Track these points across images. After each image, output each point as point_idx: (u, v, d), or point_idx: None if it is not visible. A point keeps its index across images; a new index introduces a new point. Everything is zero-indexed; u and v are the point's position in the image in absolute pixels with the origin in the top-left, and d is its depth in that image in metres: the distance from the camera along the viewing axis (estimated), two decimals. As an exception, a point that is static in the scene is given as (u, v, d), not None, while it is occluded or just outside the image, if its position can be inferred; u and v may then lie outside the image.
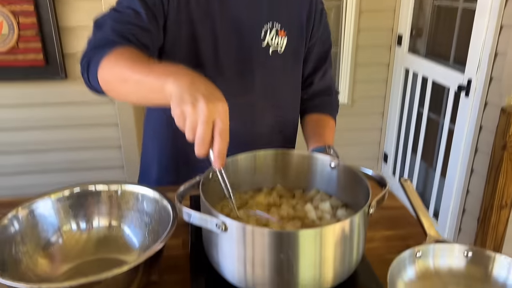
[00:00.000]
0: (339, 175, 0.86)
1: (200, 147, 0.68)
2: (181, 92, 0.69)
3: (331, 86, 1.36)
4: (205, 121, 0.67)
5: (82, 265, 0.86)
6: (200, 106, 0.67)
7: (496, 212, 2.16)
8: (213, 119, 0.68)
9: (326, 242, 0.66)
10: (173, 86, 0.70)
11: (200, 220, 0.68)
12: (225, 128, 0.69)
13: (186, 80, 0.71)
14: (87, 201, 0.90)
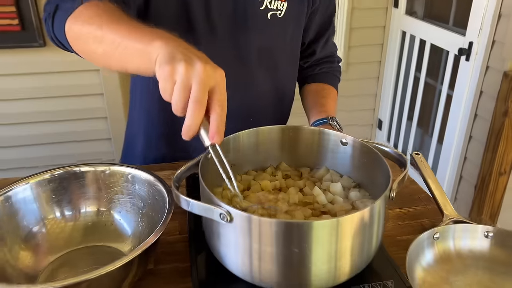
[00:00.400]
0: (352, 152, 0.78)
1: (193, 115, 0.58)
2: (172, 51, 0.59)
3: (334, 53, 1.26)
4: (201, 82, 0.57)
5: (70, 255, 0.78)
6: (197, 65, 0.57)
7: (494, 179, 2.13)
8: (210, 85, 0.59)
9: (344, 233, 0.59)
10: (160, 48, 0.61)
11: (201, 210, 0.60)
12: (224, 98, 0.61)
13: (175, 43, 0.62)
14: (71, 185, 0.80)
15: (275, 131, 0.81)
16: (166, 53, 0.59)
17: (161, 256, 0.79)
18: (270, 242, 0.58)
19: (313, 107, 1.15)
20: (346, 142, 0.78)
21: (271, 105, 1.16)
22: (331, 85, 1.22)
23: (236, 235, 0.60)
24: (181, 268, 0.77)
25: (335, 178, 0.80)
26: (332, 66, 1.25)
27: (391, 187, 0.63)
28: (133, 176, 0.82)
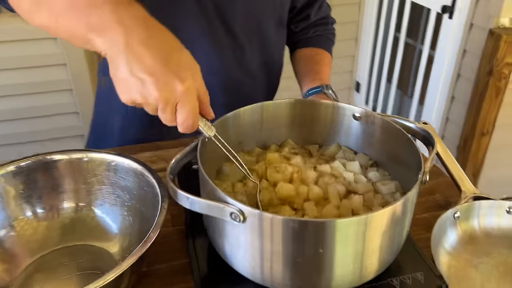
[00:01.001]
0: (367, 128, 0.69)
1: (190, 123, 0.53)
2: (125, 62, 0.48)
3: (328, 15, 1.15)
4: (186, 103, 0.50)
5: (46, 258, 0.67)
6: (175, 86, 0.49)
7: (477, 139, 2.11)
8: (194, 95, 0.52)
9: (373, 231, 0.50)
10: (105, 46, 0.49)
11: (207, 209, 0.50)
12: (205, 91, 0.54)
13: (123, 29, 0.48)
14: (42, 177, 0.68)
15: (280, 105, 0.70)
16: (118, 73, 0.49)
17: (153, 254, 0.69)
18: (287, 243, 0.49)
19: (306, 74, 1.05)
20: (359, 116, 0.69)
21: (261, 75, 1.06)
22: (325, 49, 1.12)
23: (247, 236, 0.51)
24: (179, 265, 0.67)
25: (349, 155, 0.71)
26: (326, 28, 1.14)
27: (424, 170, 0.55)
28: (116, 164, 0.70)
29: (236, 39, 0.96)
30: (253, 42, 0.99)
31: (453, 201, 0.83)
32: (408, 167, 0.62)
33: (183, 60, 0.51)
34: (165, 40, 0.51)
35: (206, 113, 0.56)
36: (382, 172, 0.68)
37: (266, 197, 0.61)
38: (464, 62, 2.11)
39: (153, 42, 0.49)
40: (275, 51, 1.07)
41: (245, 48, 0.98)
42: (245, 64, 1.00)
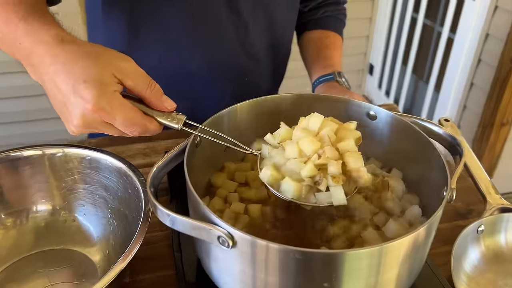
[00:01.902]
0: (383, 129, 0.60)
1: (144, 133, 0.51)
2: (52, 93, 0.49)
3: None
4: (109, 112, 0.47)
5: (18, 265, 0.61)
6: (87, 106, 0.46)
7: (496, 129, 2.00)
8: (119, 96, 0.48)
9: (389, 262, 0.42)
10: (36, 78, 0.50)
11: (191, 230, 0.43)
12: (142, 83, 0.50)
13: (49, 67, 0.48)
14: (11, 176, 0.61)
15: (287, 100, 0.61)
16: (51, 96, 0.49)
17: (138, 263, 0.62)
18: (286, 275, 0.41)
19: (316, 60, 0.96)
20: (375, 115, 0.60)
21: (267, 60, 0.96)
22: (336, 31, 1.02)
23: (239, 263, 0.43)
24: (165, 277, 0.61)
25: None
26: (336, 8, 1.04)
27: (450, 186, 0.46)
28: (96, 161, 0.62)
29: (240, 15, 0.86)
30: (259, 20, 0.90)
31: (474, 210, 0.75)
32: (429, 177, 0.53)
33: (88, 74, 0.47)
34: (71, 61, 0.47)
35: (157, 107, 0.51)
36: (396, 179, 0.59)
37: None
38: (486, 46, 1.99)
39: (59, 70, 0.47)
40: (283, 31, 0.97)
41: (249, 27, 0.88)
42: (248, 46, 0.91)
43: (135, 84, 0.49)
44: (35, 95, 2.09)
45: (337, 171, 0.48)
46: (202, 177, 0.60)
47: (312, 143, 0.49)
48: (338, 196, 0.48)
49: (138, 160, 0.84)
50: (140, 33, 0.84)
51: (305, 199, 0.49)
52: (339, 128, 0.52)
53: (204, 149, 0.56)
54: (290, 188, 0.49)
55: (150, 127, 0.50)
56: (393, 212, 0.54)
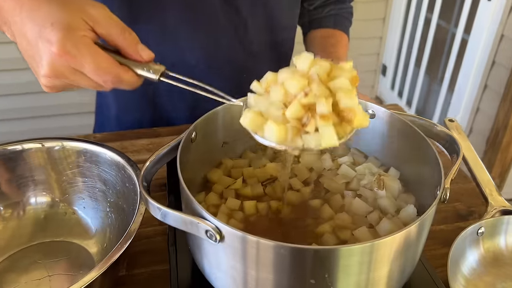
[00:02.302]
0: (381, 127, 0.59)
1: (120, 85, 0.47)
2: (21, 46, 0.47)
3: None
4: (82, 59, 0.44)
5: (18, 256, 0.62)
6: (53, 50, 0.43)
7: (509, 132, 1.96)
8: (91, 44, 0.45)
9: (381, 259, 0.42)
10: (10, 35, 0.49)
11: (180, 223, 0.43)
12: (115, 28, 0.47)
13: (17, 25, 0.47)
14: (12, 169, 0.62)
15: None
16: (22, 50, 0.47)
17: (135, 256, 0.63)
18: (275, 270, 0.41)
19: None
20: (374, 113, 0.59)
21: (267, 58, 0.96)
22: (341, 30, 1.01)
23: (228, 258, 0.43)
24: (160, 272, 0.61)
25: (358, 159, 0.62)
26: (342, 7, 1.03)
27: (444, 186, 0.45)
28: (95, 155, 0.63)
29: (238, 12, 0.86)
30: (258, 17, 0.89)
31: (476, 211, 0.74)
32: (425, 176, 0.53)
33: (55, 17, 0.44)
34: (36, 7, 0.45)
35: (133, 56, 0.48)
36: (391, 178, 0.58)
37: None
38: (500, 48, 1.95)
39: (25, 18, 0.45)
40: (283, 29, 0.97)
41: (248, 24, 0.88)
42: (247, 43, 0.90)
43: (108, 31, 0.47)
44: (39, 92, 2.12)
45: (326, 110, 0.43)
46: (198, 172, 0.60)
47: (298, 81, 0.44)
48: (328, 136, 0.43)
49: (142, 155, 0.85)
50: (140, 24, 0.84)
51: (292, 142, 0.45)
52: (332, 68, 0.47)
53: (199, 145, 0.56)
54: (273, 130, 0.44)
55: (124, 77, 0.47)
56: (388, 211, 0.54)
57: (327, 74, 0.47)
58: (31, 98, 2.16)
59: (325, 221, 0.54)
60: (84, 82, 0.47)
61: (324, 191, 0.59)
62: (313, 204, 0.57)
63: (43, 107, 2.21)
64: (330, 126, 0.43)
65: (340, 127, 0.45)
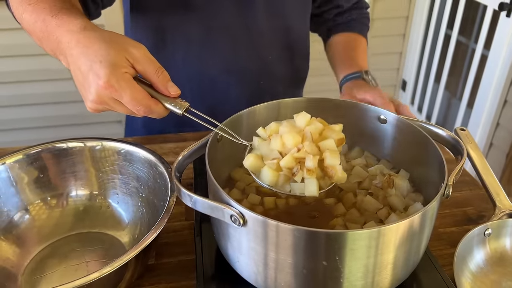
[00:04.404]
0: (392, 132, 0.64)
1: (148, 114, 0.55)
2: (75, 74, 0.55)
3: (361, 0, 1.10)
4: (119, 91, 0.53)
5: (59, 244, 0.68)
6: (99, 82, 0.52)
7: (529, 148, 1.96)
8: (126, 78, 0.53)
9: (387, 244, 0.46)
10: (65, 63, 0.58)
11: (208, 209, 0.49)
12: (148, 67, 0.55)
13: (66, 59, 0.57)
14: (57, 164, 0.69)
15: (299, 103, 0.67)
16: (75, 78, 0.56)
17: (164, 247, 0.69)
18: (291, 252, 0.46)
19: (342, 60, 1.00)
20: (385, 119, 0.64)
21: (284, 65, 1.01)
22: (360, 33, 1.06)
23: (249, 241, 0.48)
24: (187, 261, 0.67)
25: (371, 161, 0.67)
26: (360, 13, 1.09)
27: (447, 182, 0.50)
28: (130, 154, 0.70)
29: (255, 23, 0.93)
30: (275, 28, 0.95)
31: (486, 215, 0.77)
32: (432, 178, 0.57)
33: (104, 56, 0.52)
34: (90, 45, 0.54)
35: (163, 91, 0.56)
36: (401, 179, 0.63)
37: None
38: (520, 64, 1.97)
39: (80, 53, 0.54)
40: (298, 36, 1.02)
41: (264, 35, 0.94)
42: (263, 52, 0.96)
43: (144, 68, 0.54)
44: (67, 101, 2.23)
45: (312, 165, 0.52)
46: (223, 170, 0.66)
47: (294, 137, 0.53)
48: (310, 187, 0.52)
49: (169, 158, 0.91)
50: (166, 39, 0.92)
51: (281, 187, 0.54)
52: (324, 128, 0.56)
53: (225, 145, 0.62)
54: (267, 175, 0.53)
55: (154, 109, 0.55)
56: (397, 208, 0.58)
57: (319, 133, 0.56)
58: (60, 108, 2.26)
59: (337, 217, 0.59)
60: (121, 109, 0.55)
61: (338, 190, 0.64)
62: (328, 202, 0.62)
63: (71, 116, 2.30)
64: (314, 179, 0.52)
65: (322, 180, 0.54)
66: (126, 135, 1.13)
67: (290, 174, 0.53)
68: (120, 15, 2.05)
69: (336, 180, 0.53)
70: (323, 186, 0.54)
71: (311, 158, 0.52)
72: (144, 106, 0.54)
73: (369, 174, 0.64)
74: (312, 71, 1.17)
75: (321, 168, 0.53)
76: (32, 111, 2.27)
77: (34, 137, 2.30)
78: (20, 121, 2.30)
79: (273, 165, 0.53)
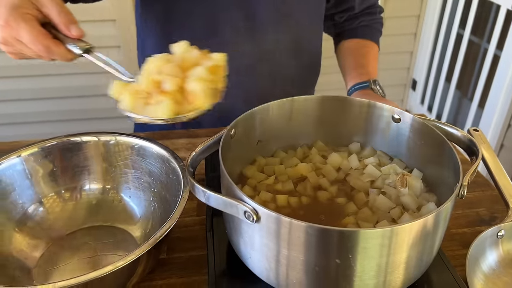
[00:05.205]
0: (406, 132, 0.64)
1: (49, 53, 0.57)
2: None
3: (375, 3, 1.08)
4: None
5: (71, 237, 0.69)
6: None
7: (541, 150, 1.94)
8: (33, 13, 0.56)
9: (400, 244, 0.46)
10: None
11: (221, 205, 0.49)
12: (51, 12, 0.57)
13: None
14: (70, 158, 0.70)
15: (313, 101, 0.67)
16: None
17: (175, 242, 0.69)
18: (304, 249, 0.46)
19: (352, 68, 1.00)
20: (399, 118, 0.64)
21: (294, 66, 1.01)
22: (372, 40, 1.05)
23: (262, 237, 0.49)
24: (198, 257, 0.67)
25: (384, 160, 0.67)
26: (373, 18, 1.07)
27: (462, 183, 0.50)
28: (143, 149, 0.70)
29: (260, 17, 0.92)
30: (279, 22, 0.94)
31: (498, 217, 0.76)
32: (446, 178, 0.57)
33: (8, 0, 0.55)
34: None
35: (65, 32, 0.58)
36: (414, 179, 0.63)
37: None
38: (533, 64, 1.95)
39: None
40: (309, 39, 1.02)
41: (272, 39, 0.94)
42: (268, 48, 0.95)
43: (49, 11, 0.57)
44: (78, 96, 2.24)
45: (169, 87, 0.51)
46: (234, 168, 0.66)
47: (157, 61, 0.54)
48: (162, 109, 0.52)
49: (181, 153, 0.92)
50: (173, 35, 0.93)
51: (141, 112, 0.53)
52: (203, 57, 0.55)
53: (237, 142, 0.62)
54: (126, 100, 0.53)
55: (54, 49, 0.57)
56: (409, 207, 0.58)
57: (196, 62, 0.55)
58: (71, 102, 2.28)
59: (350, 215, 0.59)
60: (26, 50, 0.58)
61: (350, 189, 0.64)
62: (339, 201, 0.62)
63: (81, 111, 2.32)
64: (168, 101, 0.51)
65: (181, 106, 0.53)
66: (136, 130, 1.14)
67: (149, 98, 0.53)
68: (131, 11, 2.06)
69: (195, 107, 0.53)
70: (179, 111, 0.53)
71: (168, 79, 0.51)
72: (44, 46, 0.56)
73: (382, 173, 0.64)
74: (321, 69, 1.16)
75: (184, 94, 0.53)
76: (44, 105, 2.29)
77: (47, 131, 2.33)
78: (34, 115, 2.32)
79: (132, 90, 0.53)
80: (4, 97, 2.23)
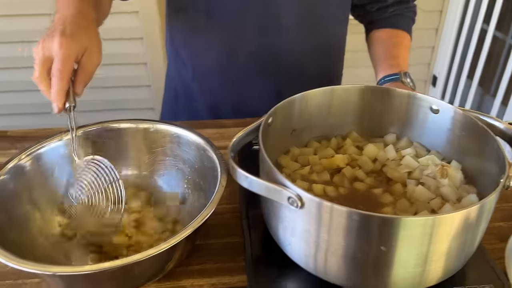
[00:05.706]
0: (445, 123, 0.63)
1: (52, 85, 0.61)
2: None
3: None
4: (38, 59, 0.61)
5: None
6: (55, 39, 0.60)
7: None
8: (45, 57, 0.60)
9: (441, 234, 0.46)
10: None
11: (265, 190, 0.49)
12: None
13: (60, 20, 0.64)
14: (109, 143, 0.71)
15: (354, 91, 0.66)
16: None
17: (210, 229, 0.70)
18: (345, 234, 0.47)
19: (382, 59, 0.98)
20: (438, 109, 0.63)
21: (317, 62, 1.00)
22: (404, 30, 1.03)
23: (304, 222, 0.49)
24: (232, 244, 0.67)
25: (421, 152, 0.66)
26: (407, 6, 1.05)
27: (508, 174, 0.49)
28: (179, 137, 0.71)
29: (280, 17, 0.92)
30: (303, 20, 0.94)
31: (537, 212, 0.75)
32: (488, 170, 0.56)
33: (76, 33, 0.61)
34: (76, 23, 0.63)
35: (77, 88, 0.63)
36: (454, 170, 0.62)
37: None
38: (560, 61, 1.91)
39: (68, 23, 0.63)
40: (331, 30, 1.01)
41: (291, 28, 0.93)
42: (291, 48, 0.96)
43: (87, 65, 0.63)
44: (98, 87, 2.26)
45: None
46: (270, 156, 0.66)
47: None
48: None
49: (211, 143, 0.93)
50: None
51: None
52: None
53: (273, 131, 0.62)
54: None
55: (60, 93, 0.61)
56: (449, 198, 0.58)
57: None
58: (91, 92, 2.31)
59: (388, 205, 0.59)
60: (42, 68, 0.62)
61: (386, 180, 0.64)
62: (376, 192, 0.62)
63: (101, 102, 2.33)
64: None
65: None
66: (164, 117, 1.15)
67: None
68: (154, 2, 2.07)
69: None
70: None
71: None
72: (59, 82, 0.60)
73: (419, 164, 0.63)
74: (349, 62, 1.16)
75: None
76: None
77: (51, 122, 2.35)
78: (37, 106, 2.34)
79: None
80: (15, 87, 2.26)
